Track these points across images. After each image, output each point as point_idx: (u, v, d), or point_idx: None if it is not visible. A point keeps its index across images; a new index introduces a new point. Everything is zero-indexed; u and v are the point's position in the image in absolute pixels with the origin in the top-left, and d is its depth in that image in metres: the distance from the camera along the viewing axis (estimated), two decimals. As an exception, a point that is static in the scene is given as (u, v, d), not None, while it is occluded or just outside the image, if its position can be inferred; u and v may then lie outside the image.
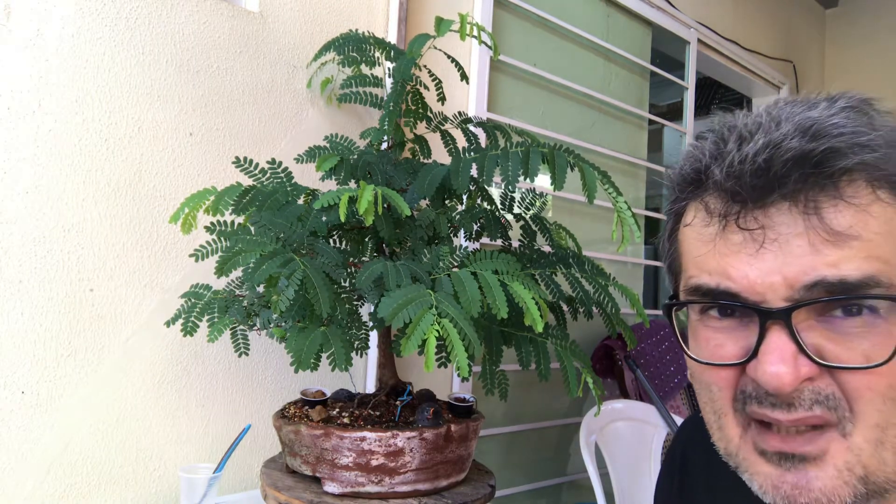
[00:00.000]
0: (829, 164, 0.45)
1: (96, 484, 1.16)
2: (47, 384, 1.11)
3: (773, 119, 0.48)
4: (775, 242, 0.46)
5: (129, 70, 1.19)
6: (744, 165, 0.47)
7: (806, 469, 0.46)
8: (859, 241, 0.44)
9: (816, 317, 0.46)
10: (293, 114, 1.41)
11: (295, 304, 0.86)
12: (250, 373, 1.35)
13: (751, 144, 0.47)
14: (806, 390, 0.45)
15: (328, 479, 0.94)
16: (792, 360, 0.44)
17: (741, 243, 0.48)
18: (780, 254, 0.46)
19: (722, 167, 0.48)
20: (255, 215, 0.97)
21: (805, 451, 0.46)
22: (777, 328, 0.45)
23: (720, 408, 0.50)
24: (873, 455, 0.45)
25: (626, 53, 2.24)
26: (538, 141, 1.05)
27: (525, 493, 1.95)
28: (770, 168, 0.46)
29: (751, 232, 0.47)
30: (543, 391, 1.98)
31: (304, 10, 1.43)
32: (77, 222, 1.14)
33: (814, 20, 3.43)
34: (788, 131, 0.46)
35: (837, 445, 0.45)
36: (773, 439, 0.47)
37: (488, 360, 1.03)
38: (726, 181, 0.48)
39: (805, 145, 0.45)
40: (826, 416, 0.45)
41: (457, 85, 1.67)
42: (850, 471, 0.45)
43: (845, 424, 0.45)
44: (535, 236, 1.21)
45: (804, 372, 0.45)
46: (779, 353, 0.45)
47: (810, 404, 0.45)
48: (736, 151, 0.48)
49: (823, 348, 0.45)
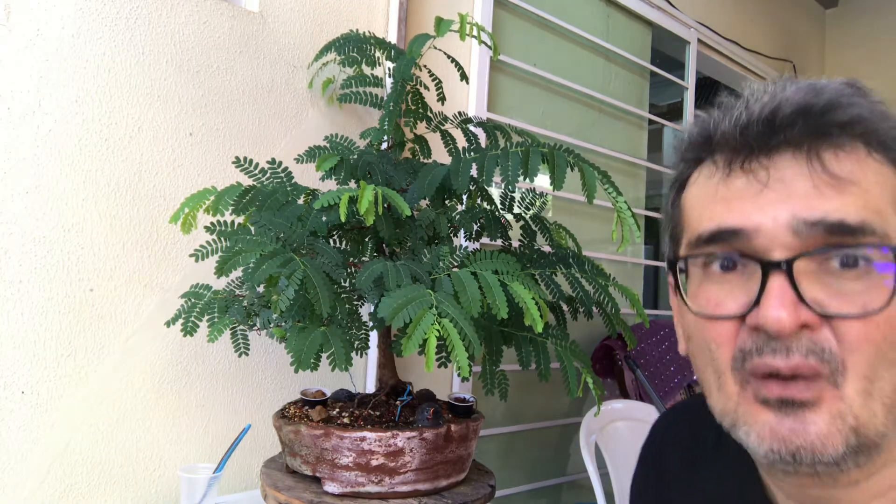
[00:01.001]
0: (831, 115, 0.49)
1: (96, 484, 1.16)
2: (47, 384, 1.11)
3: (780, 85, 0.52)
4: (780, 183, 0.49)
5: (129, 70, 1.19)
6: (751, 117, 0.50)
7: (804, 414, 0.48)
8: (857, 188, 0.48)
9: (815, 268, 0.48)
10: (293, 114, 1.41)
11: (295, 304, 0.86)
12: (250, 373, 1.35)
13: (756, 103, 0.51)
14: (804, 338, 0.47)
15: (328, 479, 0.94)
16: (792, 304, 0.47)
17: (745, 186, 0.50)
18: (783, 192, 0.49)
19: (730, 121, 0.52)
20: (255, 215, 0.97)
21: (803, 396, 0.47)
22: (778, 277, 0.47)
23: (719, 367, 0.52)
24: (864, 406, 0.47)
25: (626, 53, 2.24)
26: (538, 141, 1.05)
27: (525, 493, 1.95)
28: (775, 117, 0.49)
29: (755, 174, 0.50)
30: (543, 391, 1.98)
31: (304, 10, 1.43)
32: (77, 222, 1.14)
33: (814, 20, 3.43)
34: (794, 90, 0.50)
35: (830, 394, 0.47)
36: (774, 386, 0.48)
37: (488, 360, 1.03)
38: (732, 133, 0.51)
39: (809, 99, 0.49)
40: (818, 368, 0.47)
41: (457, 85, 1.67)
42: (842, 419, 0.47)
43: (836, 377, 0.47)
44: (535, 236, 1.21)
45: (803, 317, 0.47)
46: (780, 299, 0.47)
47: (806, 352, 0.47)
48: (744, 109, 0.51)
49: (822, 299, 0.47)
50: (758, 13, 2.99)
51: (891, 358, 0.47)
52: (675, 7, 2.43)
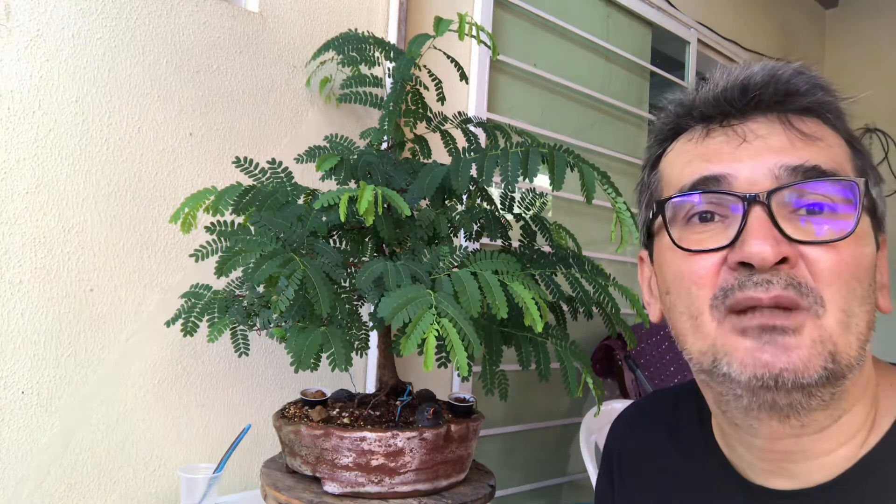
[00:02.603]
0: (795, 82, 0.56)
1: (96, 484, 1.16)
2: (47, 384, 1.11)
3: (745, 65, 0.58)
4: (757, 138, 0.55)
5: (129, 70, 1.19)
6: (727, 84, 0.57)
7: (785, 338, 0.51)
8: (824, 143, 0.55)
9: (790, 208, 0.53)
10: (293, 114, 1.41)
11: (295, 304, 0.86)
12: (250, 373, 1.35)
13: (727, 77, 0.57)
14: (782, 272, 0.51)
15: (328, 479, 0.94)
16: (772, 239, 0.51)
17: (724, 141, 0.56)
18: (761, 146, 0.54)
19: (705, 93, 0.58)
20: (255, 215, 0.97)
21: (785, 323, 0.51)
22: (758, 211, 0.52)
23: (697, 308, 0.55)
24: (842, 335, 0.51)
25: (626, 53, 2.24)
26: (538, 141, 1.05)
27: (525, 493, 1.95)
28: (749, 82, 0.56)
29: (733, 128, 0.56)
30: (543, 391, 1.98)
31: (304, 10, 1.43)
32: (77, 222, 1.14)
33: (814, 20, 3.43)
34: (760, 66, 0.57)
35: (812, 323, 0.51)
36: (755, 318, 0.51)
37: (488, 360, 1.03)
38: (708, 100, 0.57)
39: (774, 71, 0.56)
40: (797, 300, 0.50)
41: (457, 85, 1.67)
42: (822, 344, 0.50)
43: (817, 309, 0.51)
44: (535, 236, 1.21)
45: (784, 250, 0.51)
46: (762, 232, 0.51)
47: (785, 285, 0.50)
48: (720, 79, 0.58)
49: (798, 231, 0.52)
50: (758, 13, 2.99)
51: (860, 294, 0.52)
52: (675, 7, 2.43)
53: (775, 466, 0.59)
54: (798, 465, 0.57)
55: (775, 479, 0.59)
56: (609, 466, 0.80)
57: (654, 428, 0.74)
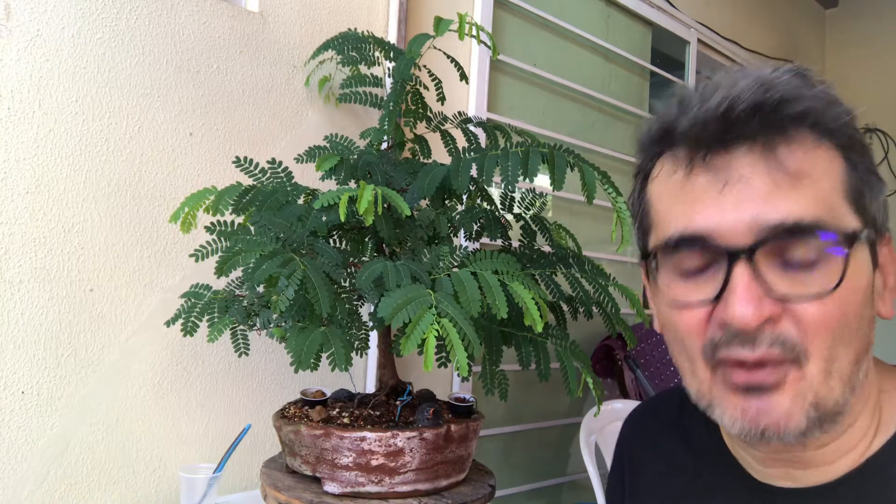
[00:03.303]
0: (782, 110, 0.51)
1: (96, 484, 1.16)
2: (47, 384, 1.11)
3: (731, 80, 0.53)
4: (736, 184, 0.51)
5: (129, 70, 1.19)
6: (707, 114, 0.52)
7: (769, 396, 0.52)
8: (809, 180, 0.51)
9: (776, 258, 0.51)
10: (293, 114, 1.41)
11: (295, 304, 0.86)
12: (250, 373, 1.35)
13: (712, 99, 0.53)
14: (766, 331, 0.50)
15: (328, 479, 0.94)
16: (756, 300, 0.50)
17: (706, 185, 0.53)
18: (741, 194, 0.51)
19: (687, 118, 0.54)
20: (255, 215, 0.97)
21: (768, 381, 0.51)
22: (742, 268, 0.50)
23: (691, 355, 0.56)
24: (823, 383, 0.51)
25: (626, 53, 2.24)
26: (538, 141, 1.05)
27: (525, 493, 1.95)
28: (731, 114, 0.51)
29: (715, 172, 0.52)
30: (543, 391, 1.98)
31: (304, 10, 1.43)
32: (77, 222, 1.14)
33: (814, 20, 3.43)
34: (745, 86, 0.52)
35: (793, 374, 0.51)
36: (741, 375, 0.52)
37: (488, 360, 1.03)
38: (691, 129, 0.54)
39: (760, 95, 0.51)
40: (783, 356, 0.51)
41: (457, 85, 1.67)
42: (803, 397, 0.51)
43: (800, 360, 0.51)
44: (535, 236, 1.21)
45: (767, 311, 0.50)
46: (744, 292, 0.50)
47: (770, 343, 0.50)
48: (699, 107, 0.53)
49: (782, 287, 0.50)
50: (758, 13, 2.99)
51: (845, 338, 0.51)
52: (675, 7, 2.43)
53: (780, 472, 0.60)
54: (802, 471, 0.59)
55: (781, 480, 0.60)
56: (620, 467, 0.81)
57: (663, 428, 0.75)
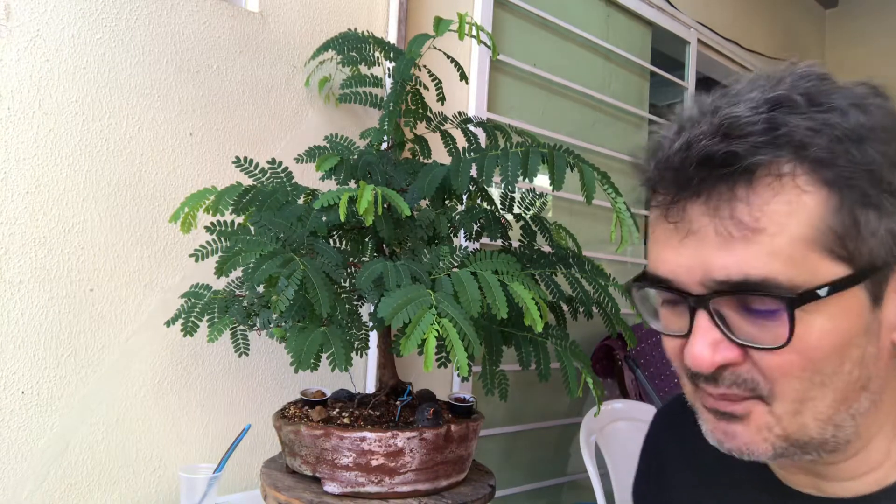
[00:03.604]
0: (730, 165, 0.48)
1: (96, 484, 1.16)
2: (47, 384, 1.11)
3: (703, 111, 0.52)
4: (693, 236, 0.51)
5: (129, 70, 1.19)
6: (667, 163, 0.52)
7: (734, 424, 0.53)
8: (766, 233, 0.48)
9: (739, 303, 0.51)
10: (293, 114, 1.41)
11: (295, 304, 0.86)
12: (250, 373, 1.35)
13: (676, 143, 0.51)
14: (726, 373, 0.51)
15: (328, 479, 0.94)
16: (711, 346, 0.50)
17: (669, 234, 0.54)
18: (697, 247, 0.51)
19: (654, 162, 0.54)
20: (255, 215, 0.97)
21: (731, 409, 0.53)
22: (701, 313, 0.51)
23: (678, 371, 0.58)
24: (792, 421, 0.51)
25: (626, 53, 2.24)
26: (538, 141, 1.05)
27: (525, 493, 1.95)
28: (683, 168, 0.51)
29: (675, 224, 0.53)
30: (543, 391, 1.98)
31: (304, 10, 1.43)
32: (77, 222, 1.14)
33: (814, 20, 3.43)
34: (704, 131, 0.50)
35: (760, 409, 0.52)
36: (709, 399, 0.54)
37: (488, 360, 1.03)
38: (655, 178, 0.54)
39: (710, 147, 0.49)
40: (745, 394, 0.52)
41: (457, 85, 1.67)
42: (769, 430, 0.52)
43: (768, 399, 0.51)
44: (535, 236, 1.21)
45: (720, 358, 0.50)
46: (700, 337, 0.51)
47: (729, 384, 0.52)
48: (666, 149, 0.52)
49: (745, 331, 0.50)
50: (758, 13, 2.99)
51: (818, 381, 0.50)
52: (675, 7, 2.43)
53: (804, 479, 0.60)
54: (825, 482, 0.58)
55: (807, 488, 0.60)
56: (646, 465, 0.81)
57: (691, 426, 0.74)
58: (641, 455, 0.83)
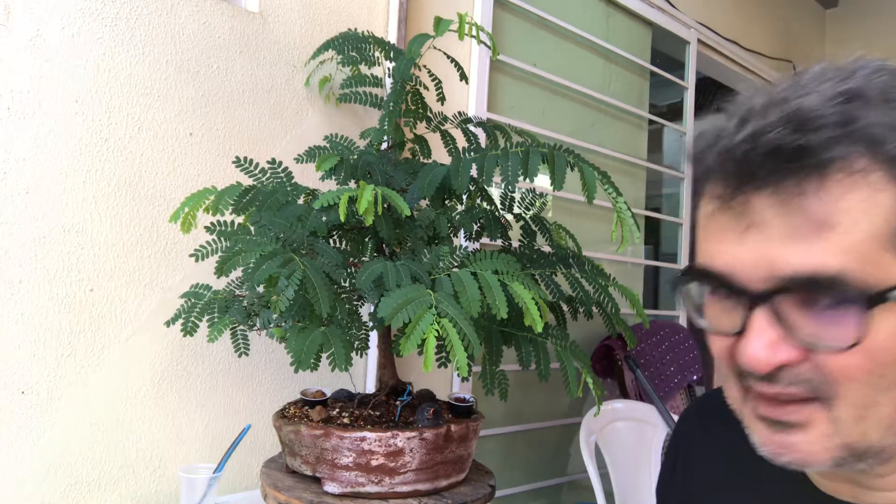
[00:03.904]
0: (808, 155, 0.46)
1: (96, 484, 1.16)
2: (47, 384, 1.11)
3: (773, 101, 0.49)
4: (756, 228, 0.48)
5: (129, 70, 1.19)
6: (730, 153, 0.49)
7: (793, 433, 0.50)
8: (839, 228, 0.46)
9: (801, 301, 0.48)
10: (293, 113, 1.41)
11: (295, 304, 0.86)
12: (250, 373, 1.35)
13: (741, 133, 0.49)
14: (784, 371, 0.48)
15: (328, 479, 0.94)
16: (769, 345, 0.47)
17: (728, 225, 0.50)
18: (761, 240, 0.48)
19: (715, 151, 0.51)
20: (255, 215, 0.97)
21: (791, 419, 0.49)
22: (761, 310, 0.48)
23: (725, 374, 0.54)
24: (854, 427, 0.48)
25: (626, 53, 2.24)
26: (538, 141, 1.05)
27: (525, 493, 1.95)
28: (748, 157, 0.48)
29: (738, 213, 0.49)
30: (543, 391, 1.98)
31: (304, 11, 1.43)
32: (77, 222, 1.14)
33: (814, 20, 3.43)
34: (772, 122, 0.47)
35: (820, 416, 0.49)
36: (765, 407, 0.51)
37: (488, 360, 1.03)
38: (716, 166, 0.51)
39: (780, 139, 0.46)
40: (805, 394, 0.48)
41: (457, 85, 1.67)
42: (830, 438, 0.49)
43: (829, 402, 0.48)
44: (535, 236, 1.21)
45: (779, 358, 0.48)
46: (758, 336, 0.48)
47: (787, 383, 0.48)
48: (728, 139, 0.50)
49: (807, 330, 0.47)
50: (758, 13, 2.99)
51: (883, 386, 0.47)
52: (675, 7, 2.43)
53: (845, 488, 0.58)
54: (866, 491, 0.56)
55: (846, 496, 0.58)
56: (672, 462, 0.79)
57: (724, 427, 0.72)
58: (667, 450, 0.81)
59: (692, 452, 0.76)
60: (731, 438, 0.69)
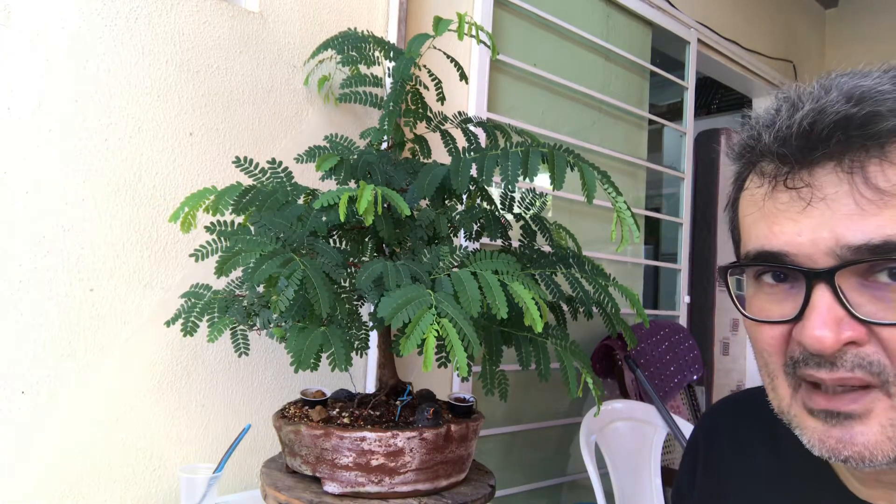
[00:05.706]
0: (870, 127, 0.47)
1: (96, 484, 1.16)
2: (47, 384, 1.11)
3: (824, 87, 0.50)
4: (822, 202, 0.48)
5: (129, 70, 1.19)
6: (791, 129, 0.49)
7: (851, 425, 0.48)
8: None
9: (860, 279, 0.47)
10: (293, 113, 1.41)
11: (295, 304, 0.86)
12: (250, 373, 1.35)
13: (802, 110, 0.49)
14: (849, 353, 0.47)
15: (328, 479, 0.94)
16: (834, 323, 0.46)
17: (788, 203, 0.50)
18: (826, 212, 0.47)
19: (771, 133, 0.51)
20: (255, 215, 0.97)
21: (850, 409, 0.48)
22: (822, 289, 0.47)
23: (772, 371, 0.53)
24: None
25: (626, 53, 2.24)
26: (538, 141, 1.05)
27: (525, 493, 1.95)
28: (813, 130, 0.48)
29: (797, 191, 0.49)
30: (543, 391, 1.98)
31: (304, 10, 1.43)
32: (77, 222, 1.14)
33: (814, 20, 3.43)
34: (834, 97, 0.48)
35: (882, 404, 0.47)
36: (820, 399, 0.49)
37: (488, 360, 1.03)
38: (773, 144, 0.51)
39: (849, 110, 0.47)
40: (868, 379, 0.47)
41: (457, 85, 1.67)
42: (892, 427, 0.47)
43: (889, 387, 0.47)
44: (535, 236, 1.21)
45: (846, 336, 0.46)
46: (822, 315, 0.47)
47: (852, 366, 0.47)
48: (787, 118, 0.50)
49: (867, 309, 0.47)
50: (758, 13, 2.99)
51: None
52: (675, 7, 2.43)
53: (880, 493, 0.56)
54: None
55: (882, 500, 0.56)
56: (692, 465, 0.78)
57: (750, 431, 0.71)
58: (686, 455, 0.80)
59: (718, 458, 0.74)
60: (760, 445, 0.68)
